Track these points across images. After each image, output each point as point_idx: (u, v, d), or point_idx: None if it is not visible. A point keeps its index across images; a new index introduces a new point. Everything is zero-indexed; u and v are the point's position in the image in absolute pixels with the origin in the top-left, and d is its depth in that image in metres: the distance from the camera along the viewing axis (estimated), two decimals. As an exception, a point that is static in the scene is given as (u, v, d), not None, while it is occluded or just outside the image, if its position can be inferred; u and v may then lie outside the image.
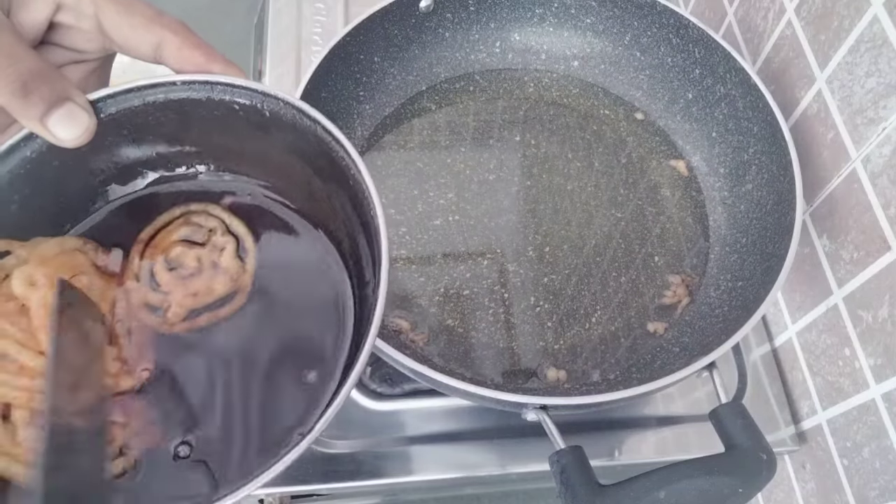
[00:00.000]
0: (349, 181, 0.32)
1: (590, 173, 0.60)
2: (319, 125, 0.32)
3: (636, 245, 0.57)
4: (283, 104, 0.32)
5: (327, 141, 0.32)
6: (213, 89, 0.32)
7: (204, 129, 0.34)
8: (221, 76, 0.32)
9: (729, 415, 0.43)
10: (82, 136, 0.30)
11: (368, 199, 0.31)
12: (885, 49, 0.44)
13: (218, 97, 0.32)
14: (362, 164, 0.31)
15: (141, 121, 0.33)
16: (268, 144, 0.34)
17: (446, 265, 0.55)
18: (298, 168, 0.35)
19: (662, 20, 0.60)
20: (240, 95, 0.32)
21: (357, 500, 0.62)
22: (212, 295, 0.34)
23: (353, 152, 0.31)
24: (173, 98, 0.32)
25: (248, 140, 0.35)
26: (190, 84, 0.32)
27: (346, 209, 0.34)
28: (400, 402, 0.54)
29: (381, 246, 0.30)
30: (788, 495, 0.58)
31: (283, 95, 0.32)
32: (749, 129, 0.56)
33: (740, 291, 0.51)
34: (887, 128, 0.45)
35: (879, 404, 0.46)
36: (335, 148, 0.32)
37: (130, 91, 0.32)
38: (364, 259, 0.34)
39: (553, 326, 0.53)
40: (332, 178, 0.33)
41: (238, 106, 0.33)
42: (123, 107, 0.32)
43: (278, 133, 0.33)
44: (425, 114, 0.62)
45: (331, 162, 0.33)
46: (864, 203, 0.47)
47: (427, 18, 0.61)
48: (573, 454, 0.41)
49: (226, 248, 0.35)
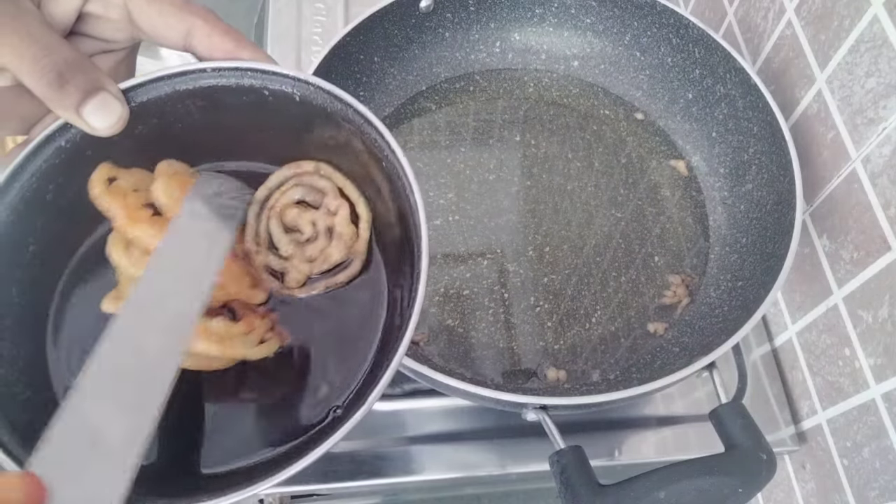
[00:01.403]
0: (383, 162, 0.32)
1: (590, 173, 0.60)
2: (351, 108, 0.32)
3: (636, 245, 0.57)
4: (315, 88, 0.32)
5: (359, 123, 0.32)
6: (243, 76, 0.32)
7: (235, 116, 0.34)
8: (252, 62, 0.32)
9: (729, 415, 0.43)
10: (116, 125, 0.30)
11: (403, 179, 0.31)
12: (885, 49, 0.44)
13: (248, 83, 0.32)
14: (396, 144, 0.31)
15: (170, 108, 0.33)
16: (301, 130, 0.34)
17: (446, 265, 0.55)
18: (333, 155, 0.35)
19: (662, 20, 0.60)
20: (270, 81, 0.32)
21: (357, 500, 0.62)
22: (328, 261, 0.34)
23: (385, 132, 0.31)
24: (203, 85, 0.32)
25: (278, 126, 0.35)
26: (220, 71, 0.32)
27: (382, 192, 0.34)
28: (400, 402, 0.54)
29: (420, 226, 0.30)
30: (788, 495, 0.58)
31: (314, 80, 0.32)
32: (749, 129, 0.56)
33: (740, 291, 0.51)
34: (887, 128, 0.45)
35: (879, 404, 0.46)
36: (367, 130, 0.32)
37: (161, 79, 0.32)
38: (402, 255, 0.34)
39: (553, 326, 0.53)
40: (368, 161, 0.33)
41: (268, 92, 0.33)
42: (154, 95, 0.32)
43: (311, 118, 0.33)
44: (425, 114, 0.62)
45: (364, 144, 0.33)
46: (864, 203, 0.47)
47: (427, 18, 0.61)
48: (573, 454, 0.41)
49: (339, 212, 0.35)
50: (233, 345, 0.30)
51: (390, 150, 0.31)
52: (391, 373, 0.29)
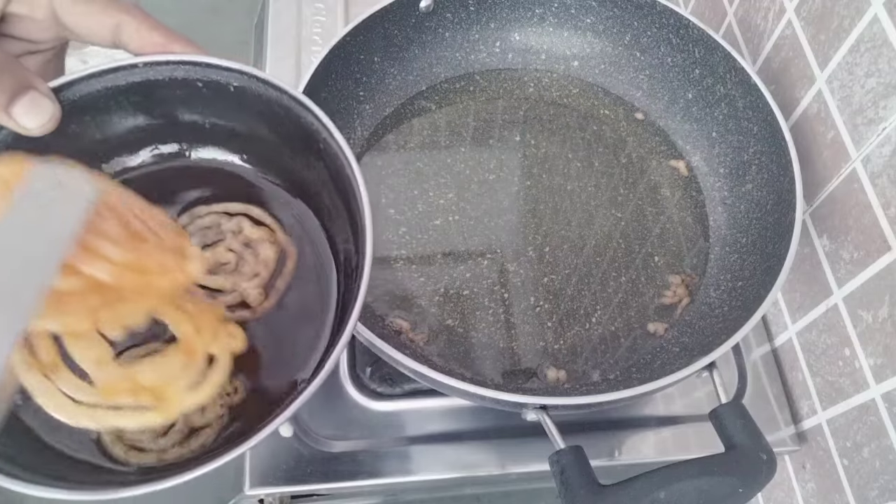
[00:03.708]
0: (320, 144, 0.33)
1: (590, 173, 0.60)
2: (286, 94, 0.32)
3: (636, 245, 0.57)
4: (248, 77, 0.33)
5: (294, 108, 0.32)
6: (175, 69, 0.32)
7: (170, 109, 0.34)
8: (184, 55, 0.32)
9: (729, 415, 0.43)
10: (48, 124, 0.30)
11: (342, 157, 0.32)
12: (885, 49, 0.44)
13: (181, 76, 0.32)
14: (331, 124, 0.32)
15: (104, 105, 0.33)
16: (237, 119, 0.35)
17: (446, 265, 0.55)
18: (270, 140, 0.35)
19: (662, 20, 0.60)
20: (203, 73, 0.32)
21: (357, 500, 0.62)
22: (268, 265, 0.35)
23: (322, 115, 0.32)
24: (136, 80, 0.32)
25: (215, 116, 0.35)
26: (152, 65, 0.32)
27: (322, 177, 0.34)
28: (400, 402, 0.54)
29: (362, 202, 0.31)
30: (788, 495, 0.58)
31: (246, 69, 0.32)
32: (749, 129, 0.56)
33: (740, 291, 0.51)
34: (887, 128, 0.45)
35: (879, 404, 0.46)
36: (303, 114, 0.32)
37: (92, 76, 0.32)
38: (346, 230, 0.35)
39: (553, 326, 0.53)
40: (305, 146, 0.34)
41: (202, 84, 0.33)
42: (85, 92, 0.32)
43: (246, 107, 0.33)
44: (425, 114, 0.62)
45: (300, 129, 0.33)
46: (864, 203, 0.47)
47: (427, 18, 0.61)
48: (573, 454, 0.41)
49: (242, 226, 0.36)
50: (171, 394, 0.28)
51: (328, 132, 0.32)
52: (349, 330, 0.29)
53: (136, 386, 0.27)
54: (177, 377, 0.28)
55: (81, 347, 0.27)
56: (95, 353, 0.27)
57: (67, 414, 0.27)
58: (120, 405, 0.27)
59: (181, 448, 0.33)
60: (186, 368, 0.29)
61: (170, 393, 0.28)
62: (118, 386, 0.27)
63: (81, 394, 0.27)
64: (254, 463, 0.50)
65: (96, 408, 0.27)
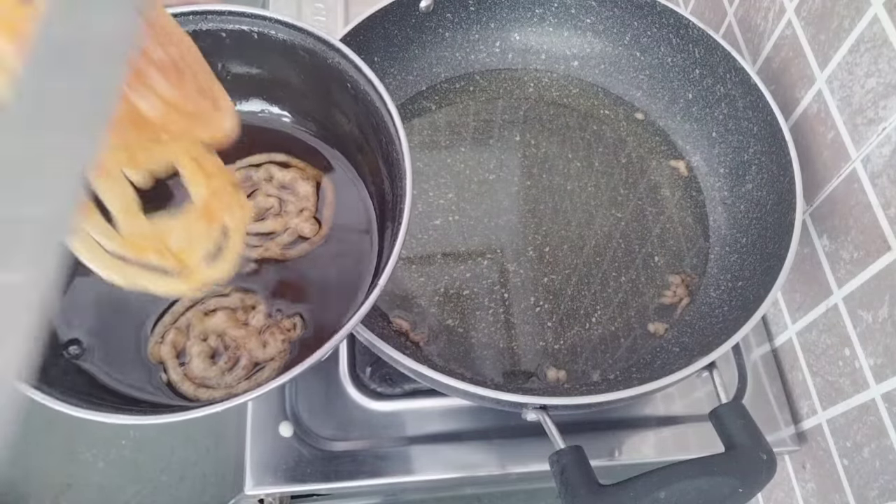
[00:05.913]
0: (348, 83, 0.33)
1: (590, 173, 0.60)
2: (312, 36, 0.32)
3: (636, 245, 0.57)
4: (271, 22, 0.33)
5: (319, 50, 0.33)
6: (200, 20, 0.32)
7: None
8: (206, 5, 0.32)
9: (729, 415, 0.43)
10: None
11: (372, 94, 0.32)
12: (885, 49, 0.44)
13: (205, 28, 0.33)
14: (359, 59, 0.32)
15: None
16: (264, 66, 0.35)
17: (446, 265, 0.55)
18: (300, 87, 0.36)
19: (662, 20, 0.60)
20: (226, 22, 0.33)
21: (357, 500, 0.62)
22: (310, 197, 0.38)
23: (348, 51, 0.32)
24: None
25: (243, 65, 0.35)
26: (176, 18, 0.32)
27: (354, 117, 0.35)
28: (400, 402, 0.54)
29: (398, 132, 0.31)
30: (788, 495, 0.58)
31: (269, 14, 0.32)
32: (749, 129, 0.56)
33: (740, 291, 0.51)
34: (887, 128, 0.45)
35: (879, 404, 0.46)
36: (329, 54, 0.32)
37: None
38: (379, 172, 0.35)
39: (553, 326, 0.53)
40: (335, 88, 0.34)
41: (226, 34, 0.33)
42: None
43: (271, 53, 0.34)
44: (425, 114, 0.62)
45: (328, 71, 0.33)
46: (864, 203, 0.47)
47: (427, 18, 0.61)
48: (573, 454, 0.41)
49: (271, 172, 0.37)
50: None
51: (350, 63, 0.32)
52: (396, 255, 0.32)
53: (162, 246, 0.27)
54: (201, 241, 0.28)
55: (108, 187, 0.25)
56: (122, 198, 0.26)
57: (101, 264, 0.26)
58: (147, 264, 0.27)
59: (248, 382, 0.34)
60: (208, 233, 0.28)
61: (192, 261, 0.28)
62: (145, 244, 0.27)
63: (110, 242, 0.26)
64: (254, 463, 0.50)
65: (126, 265, 0.26)
